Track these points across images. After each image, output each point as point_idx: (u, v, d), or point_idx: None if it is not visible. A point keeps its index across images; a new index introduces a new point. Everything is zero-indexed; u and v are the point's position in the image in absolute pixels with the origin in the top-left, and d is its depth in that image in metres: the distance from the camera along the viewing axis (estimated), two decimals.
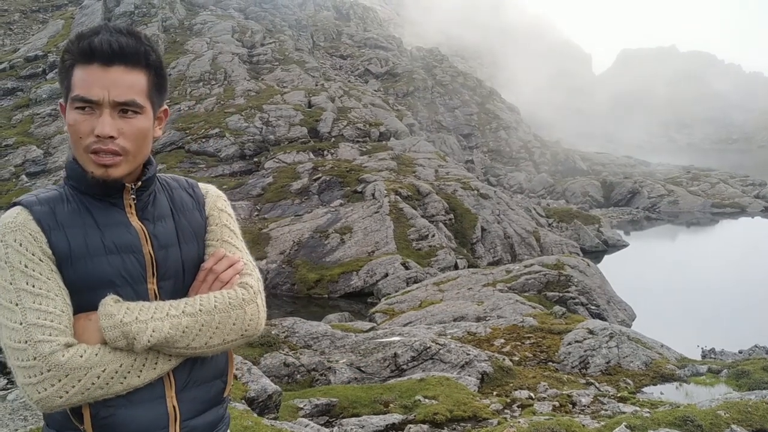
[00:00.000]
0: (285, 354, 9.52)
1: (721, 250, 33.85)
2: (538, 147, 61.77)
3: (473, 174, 41.72)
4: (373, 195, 28.22)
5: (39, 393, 1.56)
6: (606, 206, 48.19)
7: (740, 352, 14.82)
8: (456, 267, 23.65)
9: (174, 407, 1.74)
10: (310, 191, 30.45)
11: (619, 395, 8.48)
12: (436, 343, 9.73)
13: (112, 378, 1.61)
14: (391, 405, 7.44)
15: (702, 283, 25.46)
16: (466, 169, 43.31)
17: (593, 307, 16.78)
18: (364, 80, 60.12)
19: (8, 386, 6.27)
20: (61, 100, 1.75)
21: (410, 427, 6.75)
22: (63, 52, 1.70)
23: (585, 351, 10.47)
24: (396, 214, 26.26)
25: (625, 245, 33.80)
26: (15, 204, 1.70)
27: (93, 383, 1.59)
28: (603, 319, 15.42)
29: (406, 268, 22.52)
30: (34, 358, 1.55)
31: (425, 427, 6.82)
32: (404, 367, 9.27)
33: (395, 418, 6.98)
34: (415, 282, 20.84)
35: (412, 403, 7.44)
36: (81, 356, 1.58)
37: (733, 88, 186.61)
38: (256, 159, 35.24)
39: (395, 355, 9.46)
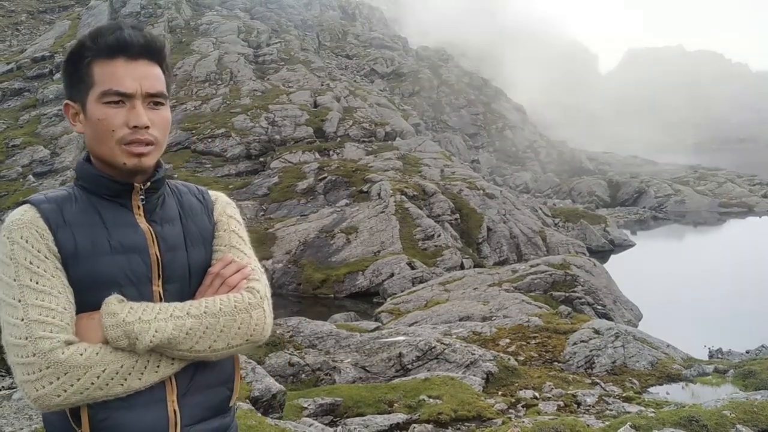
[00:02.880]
0: (290, 353, 9.52)
1: (728, 250, 33.71)
2: (544, 147, 61.68)
3: (479, 174, 41.66)
4: (378, 195, 28.21)
5: (37, 390, 1.54)
6: (612, 206, 48.07)
7: (747, 352, 14.76)
8: (462, 267, 23.61)
9: (175, 411, 1.70)
10: (315, 191, 30.47)
11: (624, 395, 8.45)
12: (441, 343, 9.72)
13: (113, 379, 1.59)
14: (396, 405, 7.43)
15: (709, 282, 25.35)
16: (471, 168, 43.26)
17: (599, 307, 16.73)
18: (370, 80, 60.12)
19: (13, 385, 6.28)
20: (67, 101, 1.79)
21: (414, 427, 6.74)
22: (77, 50, 1.74)
23: (590, 351, 10.44)
24: (402, 214, 26.25)
25: (631, 245, 33.70)
26: (24, 202, 1.70)
27: (92, 383, 1.56)
28: (609, 318, 15.37)
29: (412, 267, 22.50)
30: (33, 355, 1.53)
31: (429, 426, 6.81)
32: (409, 366, 9.26)
33: (399, 417, 6.97)
34: (421, 282, 20.81)
35: (416, 402, 7.43)
36: (81, 354, 1.56)
37: (741, 88, 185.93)
38: (261, 159, 35.29)
39: (400, 354, 9.45)
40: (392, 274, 22.24)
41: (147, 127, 1.69)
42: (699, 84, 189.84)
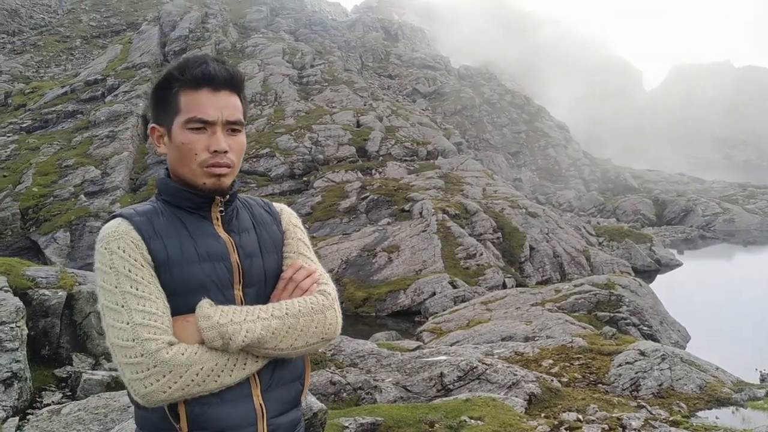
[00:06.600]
0: (331, 372, 9.58)
1: None
2: (587, 164, 60.99)
3: (521, 192, 41.39)
4: (420, 213, 28.25)
5: (145, 387, 1.69)
6: (658, 225, 47.21)
7: None
8: (504, 286, 23.44)
9: (261, 405, 1.86)
10: (358, 210, 30.66)
11: (671, 419, 8.28)
12: (483, 363, 9.66)
13: (209, 376, 1.74)
14: (437, 425, 7.41)
15: (759, 303, 24.63)
16: (514, 187, 43.01)
17: (645, 328, 16.41)
18: (412, 99, 60.42)
19: (63, 401, 6.46)
20: (153, 124, 1.94)
21: None
22: (165, 79, 1.89)
23: (636, 373, 10.25)
24: (443, 233, 26.22)
25: (678, 265, 33.00)
26: (114, 216, 1.86)
27: (192, 380, 1.72)
28: (655, 340, 15.07)
29: (454, 286, 22.42)
30: (141, 355, 1.69)
31: None
32: (450, 386, 9.23)
33: None
34: (463, 301, 20.72)
35: (457, 423, 7.39)
36: (183, 354, 1.71)
37: None
38: (305, 178, 35.70)
39: (441, 374, 9.42)
40: (434, 293, 22.19)
41: (226, 152, 1.85)
42: (747, 100, 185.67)
